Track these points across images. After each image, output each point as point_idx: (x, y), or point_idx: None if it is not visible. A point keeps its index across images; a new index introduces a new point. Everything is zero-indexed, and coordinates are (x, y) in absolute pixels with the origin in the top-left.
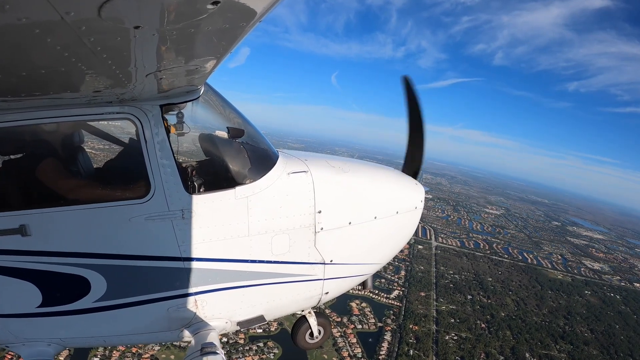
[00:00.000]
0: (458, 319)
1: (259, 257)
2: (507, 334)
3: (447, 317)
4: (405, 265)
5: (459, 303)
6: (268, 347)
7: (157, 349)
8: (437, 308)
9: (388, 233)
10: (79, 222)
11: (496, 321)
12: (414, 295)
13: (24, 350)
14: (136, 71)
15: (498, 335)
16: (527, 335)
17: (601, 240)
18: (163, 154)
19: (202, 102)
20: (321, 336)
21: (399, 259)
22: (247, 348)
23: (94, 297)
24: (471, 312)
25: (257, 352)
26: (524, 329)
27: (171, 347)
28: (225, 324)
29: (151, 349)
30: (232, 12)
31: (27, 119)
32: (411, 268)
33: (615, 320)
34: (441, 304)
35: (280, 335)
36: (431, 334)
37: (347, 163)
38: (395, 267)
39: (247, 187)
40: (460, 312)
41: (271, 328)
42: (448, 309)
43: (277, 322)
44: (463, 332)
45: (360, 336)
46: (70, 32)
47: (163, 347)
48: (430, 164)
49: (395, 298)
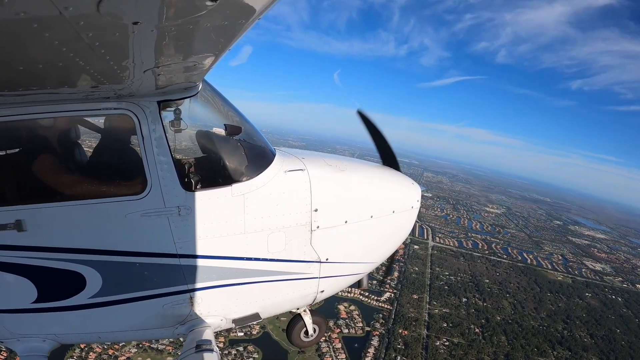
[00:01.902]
0: (451, 323)
1: (255, 255)
2: (502, 339)
3: (440, 321)
4: (399, 266)
5: (453, 306)
6: (248, 351)
7: (134, 351)
8: (429, 311)
9: (384, 232)
10: (75, 217)
11: (491, 325)
12: (405, 297)
13: (18, 346)
14: (134, 67)
15: (492, 341)
16: (523, 341)
17: (603, 240)
18: (160, 150)
19: (200, 98)
20: (316, 334)
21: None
22: (227, 352)
23: (89, 293)
24: (465, 316)
25: (237, 357)
26: (520, 333)
27: (148, 349)
28: (221, 321)
29: (128, 352)
30: (231, 9)
31: (24, 113)
32: (405, 269)
33: (617, 324)
34: (434, 307)
35: (261, 339)
36: (421, 339)
37: (344, 162)
38: (389, 268)
39: (244, 184)
40: (453, 316)
41: (253, 331)
42: (441, 313)
43: (259, 326)
44: (455, 337)
45: (345, 341)
46: (68, 27)
47: (140, 350)
48: (432, 162)
49: (386, 301)
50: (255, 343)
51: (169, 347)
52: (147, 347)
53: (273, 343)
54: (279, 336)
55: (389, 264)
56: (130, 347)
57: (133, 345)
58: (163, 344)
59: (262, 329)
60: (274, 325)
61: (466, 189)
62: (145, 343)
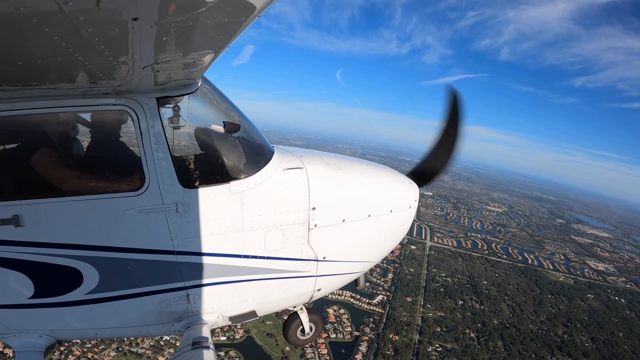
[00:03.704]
0: (445, 327)
1: (252, 253)
2: (499, 344)
3: (433, 325)
4: (394, 267)
5: (448, 309)
6: (230, 356)
7: (114, 354)
8: (422, 315)
9: (381, 231)
10: (72, 213)
11: (487, 330)
12: (399, 300)
13: (15, 342)
14: (133, 63)
15: (488, 347)
16: (521, 346)
17: (607, 238)
18: (158, 147)
19: (199, 95)
20: (313, 333)
21: (388, 261)
22: None
23: (86, 289)
24: (460, 320)
25: None
26: (517, 338)
27: (128, 353)
28: (217, 318)
29: (107, 355)
30: (231, 6)
31: (23, 108)
32: (400, 270)
33: (619, 328)
34: (428, 311)
35: (244, 344)
36: (412, 344)
37: (343, 160)
38: (383, 270)
39: (242, 182)
40: (448, 320)
41: (236, 335)
42: (435, 316)
43: (243, 330)
44: (449, 342)
45: (332, 346)
46: (68, 22)
47: (120, 354)
48: None
49: (378, 304)
50: (237, 348)
51: (149, 351)
52: (126, 350)
53: (256, 348)
54: (263, 340)
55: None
56: (110, 350)
57: (112, 348)
58: (143, 347)
59: (246, 333)
60: (258, 330)
61: (468, 187)
62: (125, 347)
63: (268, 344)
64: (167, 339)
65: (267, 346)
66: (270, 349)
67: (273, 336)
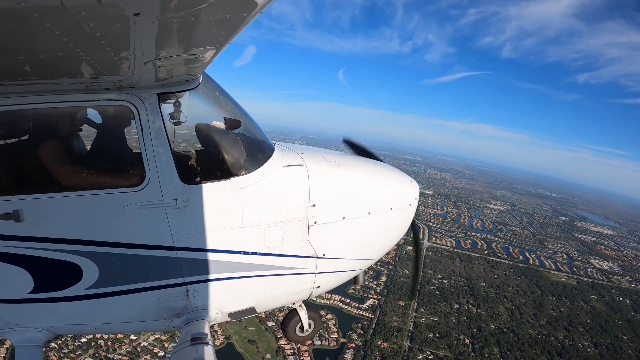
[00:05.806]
0: (438, 333)
1: (252, 249)
2: (495, 350)
3: (425, 331)
4: (388, 269)
5: (443, 314)
6: None
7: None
8: (415, 320)
9: (381, 229)
10: (72, 208)
11: (483, 335)
12: (390, 304)
13: (14, 336)
14: (135, 59)
15: (483, 354)
16: (518, 353)
17: (611, 236)
18: (159, 142)
19: (200, 91)
20: (311, 329)
21: (382, 262)
22: None
23: (85, 284)
24: (455, 325)
25: None
26: (515, 344)
27: (104, 359)
28: (216, 314)
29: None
30: (233, 2)
31: (24, 103)
32: (394, 272)
33: (624, 331)
34: (421, 315)
35: (224, 351)
36: (401, 352)
37: (343, 158)
38: (376, 272)
39: (242, 178)
40: (442, 325)
41: (216, 342)
42: (428, 322)
43: (223, 336)
44: (441, 349)
45: (316, 354)
46: (69, 17)
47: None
48: (437, 159)
49: (368, 308)
50: (216, 354)
51: (125, 357)
52: (103, 356)
53: (236, 355)
54: (243, 347)
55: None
56: (87, 356)
57: (89, 354)
58: (120, 353)
59: (227, 340)
60: (239, 336)
61: (470, 186)
62: (101, 352)
63: (248, 351)
64: (145, 345)
65: (247, 353)
66: (250, 356)
67: (254, 343)
